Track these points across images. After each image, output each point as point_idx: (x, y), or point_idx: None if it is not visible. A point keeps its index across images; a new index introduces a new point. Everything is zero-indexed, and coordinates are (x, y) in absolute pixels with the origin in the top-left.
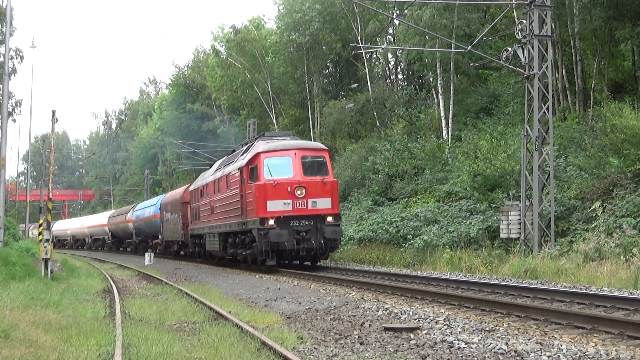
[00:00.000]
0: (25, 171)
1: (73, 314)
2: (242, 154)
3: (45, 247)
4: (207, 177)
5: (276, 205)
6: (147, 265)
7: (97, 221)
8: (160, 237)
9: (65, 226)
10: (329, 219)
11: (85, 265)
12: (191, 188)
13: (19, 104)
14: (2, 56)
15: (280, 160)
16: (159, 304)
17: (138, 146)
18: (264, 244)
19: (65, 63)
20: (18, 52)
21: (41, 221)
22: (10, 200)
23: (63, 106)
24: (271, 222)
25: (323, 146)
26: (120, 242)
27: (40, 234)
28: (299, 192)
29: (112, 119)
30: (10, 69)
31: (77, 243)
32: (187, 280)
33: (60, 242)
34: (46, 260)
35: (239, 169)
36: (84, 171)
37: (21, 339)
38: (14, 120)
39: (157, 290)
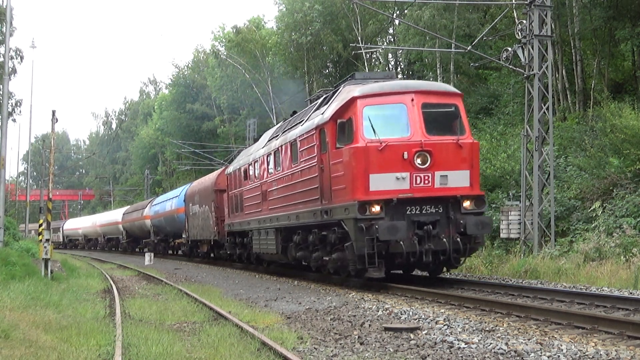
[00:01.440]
0: (25, 171)
1: (73, 314)
2: (317, 108)
3: (45, 247)
4: (255, 151)
5: (384, 182)
6: (147, 265)
7: (110, 218)
8: (184, 235)
9: (76, 225)
10: (466, 203)
11: (85, 265)
12: (229, 170)
13: (19, 104)
14: (2, 56)
15: (389, 110)
16: (159, 304)
17: (138, 146)
18: (367, 244)
19: (65, 63)
20: (18, 52)
21: (41, 221)
22: (10, 200)
23: (63, 106)
24: (376, 208)
25: (454, 89)
26: (136, 242)
27: (40, 234)
28: (419, 160)
29: (112, 119)
30: (10, 69)
31: (89, 243)
32: (187, 280)
33: (71, 242)
34: (46, 260)
35: (316, 127)
36: (84, 171)
37: (21, 339)
38: (14, 120)
39: (157, 290)
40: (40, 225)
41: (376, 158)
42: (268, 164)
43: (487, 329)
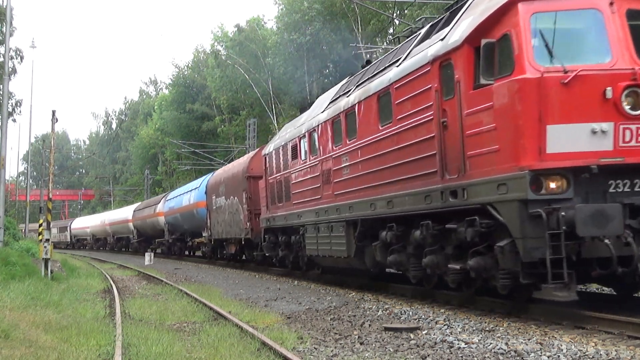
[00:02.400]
0: (25, 171)
1: (73, 314)
2: (422, 40)
3: (45, 247)
4: (309, 120)
5: (572, 139)
6: (147, 265)
7: (120, 216)
8: (205, 234)
9: (84, 224)
10: None
11: (85, 265)
12: (268, 150)
13: (19, 104)
14: (2, 56)
15: (575, 20)
16: (159, 304)
17: (138, 146)
18: (548, 244)
19: (65, 63)
20: (18, 52)
21: (41, 221)
22: (10, 200)
23: (63, 106)
24: (560, 182)
25: None
26: (148, 241)
27: (40, 234)
28: (628, 102)
29: (112, 119)
30: (10, 69)
31: (98, 243)
32: (187, 280)
33: (79, 242)
34: (46, 260)
35: (432, 61)
36: (84, 171)
37: (21, 339)
38: (14, 120)
39: (157, 290)
40: (40, 225)
41: (558, 98)
42: (333, 133)
43: (487, 329)
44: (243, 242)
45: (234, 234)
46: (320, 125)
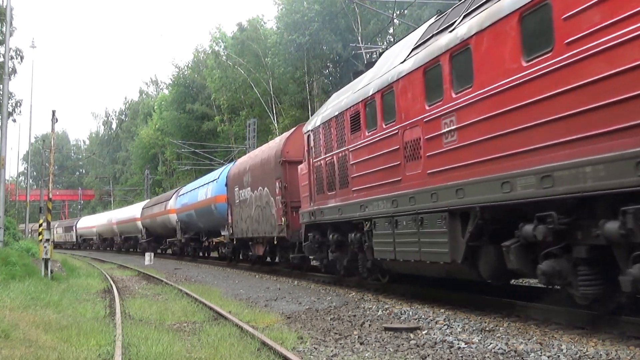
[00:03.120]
0: (25, 171)
1: (73, 314)
2: None
3: (45, 247)
4: (381, 74)
5: None
6: (147, 265)
7: (127, 215)
8: (225, 232)
9: (91, 223)
10: None
11: (85, 265)
12: (313, 124)
13: (19, 104)
14: (2, 56)
15: None
16: (159, 304)
17: (138, 146)
18: None
19: (65, 63)
20: (18, 52)
21: (41, 221)
22: (10, 200)
23: (63, 106)
24: None
25: None
26: (159, 241)
27: (40, 234)
28: None
29: (112, 119)
30: (10, 69)
31: (104, 243)
32: (187, 280)
33: (85, 242)
34: (46, 260)
35: None
36: (84, 171)
37: (21, 339)
38: (14, 120)
39: (157, 290)
40: (40, 225)
41: None
42: (426, 87)
43: (487, 329)
44: (275, 242)
45: (263, 232)
46: (401, 80)
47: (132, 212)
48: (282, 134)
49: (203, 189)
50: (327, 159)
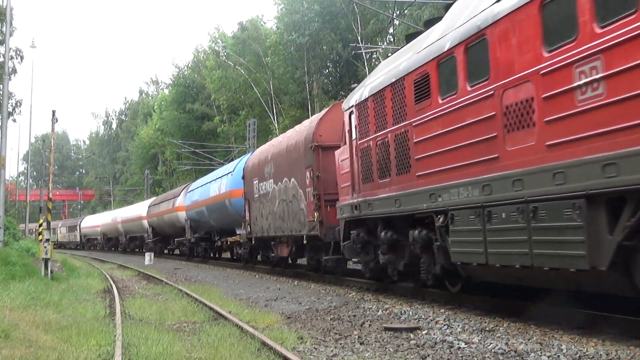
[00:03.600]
0: (25, 171)
1: (73, 314)
2: None
3: (45, 247)
4: (461, 23)
5: None
6: (147, 265)
7: (133, 213)
8: (241, 231)
9: (95, 222)
10: None
11: (85, 265)
12: (359, 96)
13: (19, 104)
14: (2, 56)
15: None
16: (159, 304)
17: (138, 146)
18: None
19: (65, 63)
20: (18, 52)
21: (41, 221)
22: (10, 200)
23: (63, 106)
24: None
25: None
26: (166, 241)
27: (40, 234)
28: None
29: (112, 119)
30: (10, 69)
31: (109, 243)
32: (187, 280)
33: (90, 242)
34: (46, 260)
35: None
36: (84, 171)
37: (21, 339)
38: (14, 120)
39: (157, 290)
40: (40, 225)
41: None
42: (543, 27)
43: (487, 329)
44: (305, 241)
45: (289, 229)
46: (498, 24)
47: (138, 210)
48: (314, 116)
49: (216, 184)
50: (377, 140)
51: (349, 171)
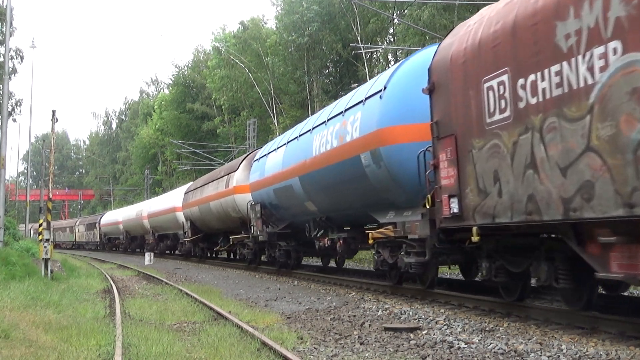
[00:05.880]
0: (25, 171)
1: (73, 314)
2: None
3: (45, 247)
4: None
5: None
6: (147, 265)
7: (163, 205)
8: (415, 215)
9: (116, 217)
10: None
11: (85, 265)
12: None
13: (19, 103)
14: (2, 56)
15: None
16: (159, 304)
17: (138, 146)
18: None
19: (65, 63)
20: (18, 52)
21: (41, 221)
22: (10, 200)
23: (63, 106)
24: None
25: None
26: (212, 240)
27: (40, 234)
28: None
29: (112, 118)
30: (10, 69)
31: (133, 243)
32: (187, 280)
33: (110, 242)
34: (46, 260)
35: None
36: (84, 171)
37: (21, 339)
38: (14, 120)
39: (157, 290)
40: (40, 225)
41: None
42: None
43: (487, 329)
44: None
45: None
46: None
47: (170, 200)
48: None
49: (337, 123)
50: None
51: None
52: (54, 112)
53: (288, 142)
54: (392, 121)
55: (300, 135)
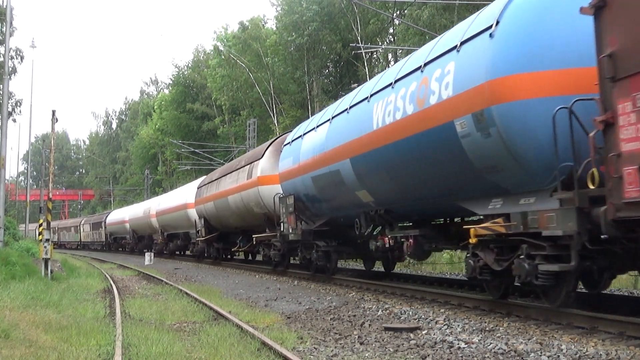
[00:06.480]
0: (25, 171)
1: (73, 314)
2: None
3: (45, 247)
4: None
5: None
6: (147, 265)
7: (173, 202)
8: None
9: (122, 216)
10: None
11: (85, 265)
12: None
13: (19, 104)
14: (2, 56)
15: None
16: (159, 304)
17: (138, 146)
18: None
19: (65, 63)
20: (18, 52)
21: (41, 221)
22: (10, 200)
23: (63, 106)
24: None
25: None
26: (229, 240)
27: (40, 234)
28: None
29: (112, 119)
30: (10, 69)
31: (140, 243)
32: (187, 280)
33: (117, 242)
34: (46, 260)
35: None
36: (84, 171)
37: (21, 339)
38: (14, 120)
39: (157, 290)
40: (40, 225)
41: None
42: None
43: (487, 329)
44: None
45: None
46: None
47: (181, 197)
48: None
49: (412, 82)
50: None
51: None
52: (54, 112)
53: (332, 118)
54: (513, 68)
55: (351, 107)
